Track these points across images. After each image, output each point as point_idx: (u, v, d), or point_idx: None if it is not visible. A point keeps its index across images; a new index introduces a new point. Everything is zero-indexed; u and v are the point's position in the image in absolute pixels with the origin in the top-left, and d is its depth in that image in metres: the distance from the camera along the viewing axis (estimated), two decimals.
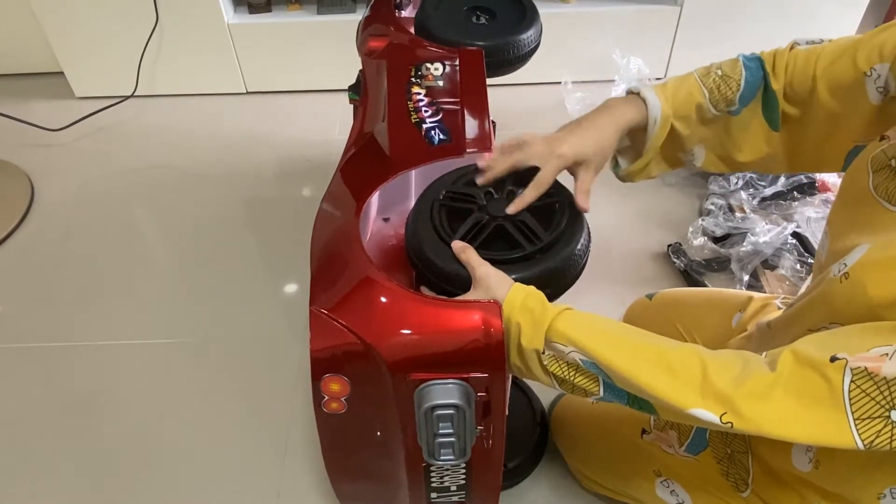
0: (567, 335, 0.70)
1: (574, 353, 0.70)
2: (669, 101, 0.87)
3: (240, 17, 1.96)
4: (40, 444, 1.28)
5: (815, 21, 1.99)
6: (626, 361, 0.67)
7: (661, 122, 0.86)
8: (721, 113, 0.88)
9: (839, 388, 0.58)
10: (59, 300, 1.54)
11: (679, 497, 0.96)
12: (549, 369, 0.72)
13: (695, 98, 0.88)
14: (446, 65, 1.11)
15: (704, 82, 0.88)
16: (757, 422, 0.61)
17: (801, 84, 0.83)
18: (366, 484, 0.98)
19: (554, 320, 0.71)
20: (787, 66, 0.84)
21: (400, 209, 0.97)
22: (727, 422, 0.62)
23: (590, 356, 0.69)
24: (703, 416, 0.63)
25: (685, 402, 0.64)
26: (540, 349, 0.71)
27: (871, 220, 0.68)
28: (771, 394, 0.60)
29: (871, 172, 0.70)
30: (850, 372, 0.58)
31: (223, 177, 1.84)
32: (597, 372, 0.70)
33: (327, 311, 0.75)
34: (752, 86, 0.86)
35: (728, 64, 0.89)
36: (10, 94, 2.10)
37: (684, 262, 1.52)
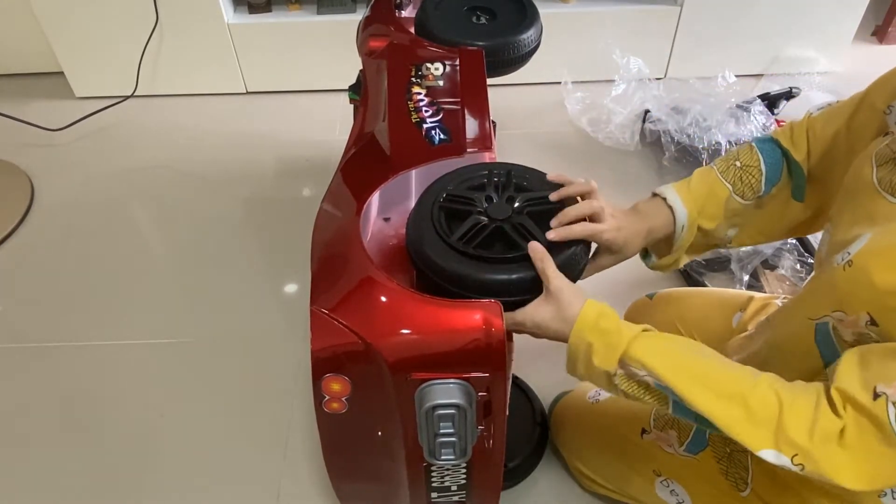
0: (642, 362, 0.71)
1: (648, 377, 0.71)
2: (695, 204, 0.88)
3: (240, 17, 1.96)
4: (40, 443, 1.28)
5: (816, 21, 1.99)
6: (702, 395, 0.68)
7: (687, 228, 0.88)
8: (750, 202, 0.89)
9: (889, 428, 0.60)
10: (59, 300, 1.54)
11: (679, 496, 0.96)
12: (620, 387, 0.73)
13: (720, 195, 0.88)
14: (447, 65, 1.11)
15: (726, 178, 0.89)
16: (833, 471, 0.62)
17: (826, 143, 0.84)
18: (366, 484, 0.98)
19: (630, 345, 0.71)
20: (808, 134, 0.85)
21: (400, 209, 0.97)
22: (798, 464, 0.63)
23: (664, 383, 0.70)
24: (773, 458, 0.64)
25: (758, 444, 0.65)
26: (612, 371, 0.72)
27: (873, 212, 0.69)
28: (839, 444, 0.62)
29: (876, 166, 0.71)
30: (894, 407, 0.60)
31: (223, 177, 1.84)
32: (668, 394, 0.71)
33: (328, 311, 0.74)
34: (774, 168, 0.87)
35: (744, 153, 0.89)
36: (10, 94, 2.10)
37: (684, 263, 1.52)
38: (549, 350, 0.80)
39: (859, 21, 2.01)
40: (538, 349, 0.91)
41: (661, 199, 0.88)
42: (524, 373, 1.29)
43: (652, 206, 0.89)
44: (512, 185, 0.88)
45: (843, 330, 0.69)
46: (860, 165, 0.74)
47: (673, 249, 0.90)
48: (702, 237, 0.91)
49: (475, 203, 0.85)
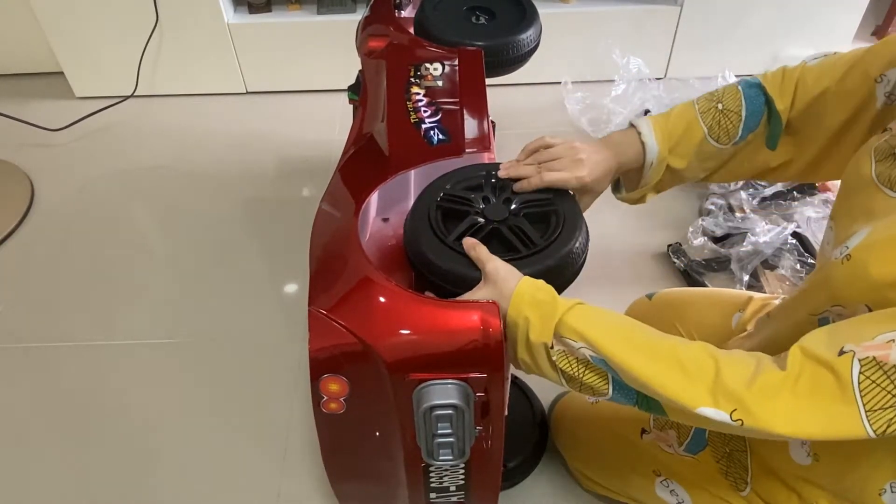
0: (578, 330, 0.70)
1: (584, 348, 0.70)
2: (668, 142, 0.89)
3: (240, 17, 1.96)
4: (40, 443, 1.28)
5: (815, 21, 1.99)
6: (636, 359, 0.67)
7: (656, 164, 0.89)
8: (725, 146, 0.89)
9: (849, 382, 0.58)
10: (59, 300, 1.54)
11: (679, 496, 0.96)
12: (558, 365, 0.72)
13: (695, 136, 0.89)
14: (446, 65, 1.11)
15: (704, 119, 0.89)
16: (767, 419, 0.60)
17: (810, 101, 0.84)
18: (365, 484, 0.98)
19: (565, 314, 0.71)
20: (798, 84, 0.85)
21: (399, 209, 0.97)
22: (737, 419, 0.62)
23: (600, 353, 0.69)
24: (712, 415, 0.63)
25: (695, 401, 0.64)
26: (548, 343, 0.71)
27: (872, 207, 0.69)
28: (781, 392, 0.61)
29: (875, 162, 0.71)
30: (859, 363, 0.58)
31: (223, 177, 1.84)
32: (606, 369, 0.70)
33: (326, 312, 0.74)
34: (754, 116, 0.87)
35: (729, 95, 0.89)
36: (10, 94, 2.10)
37: (684, 262, 1.52)
38: None
39: (859, 21, 2.01)
40: None
41: (636, 131, 0.90)
42: (524, 373, 1.29)
43: (625, 137, 0.90)
44: (509, 187, 0.88)
45: None
46: (858, 161, 0.74)
47: (640, 185, 0.92)
48: (670, 175, 0.92)
49: (473, 204, 0.85)
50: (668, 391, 0.65)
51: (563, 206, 0.84)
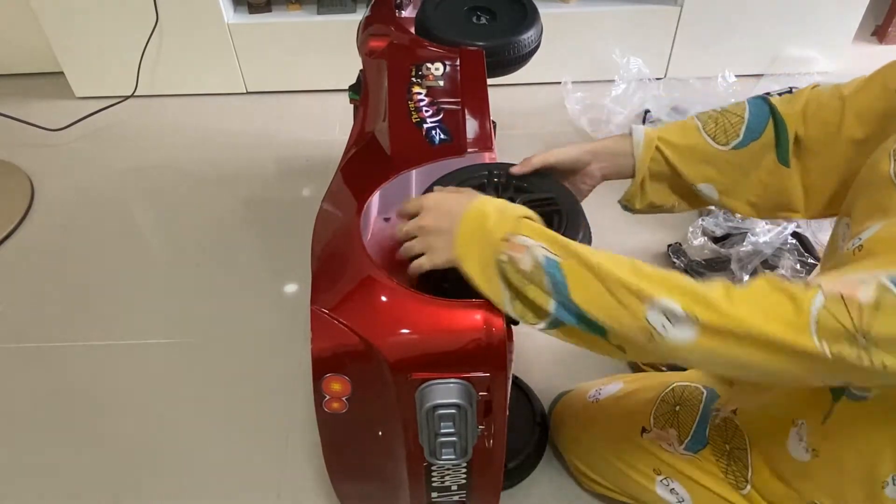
0: (539, 229, 0.71)
1: (540, 248, 0.69)
2: (657, 131, 0.91)
3: (240, 17, 1.96)
4: (40, 443, 1.28)
5: (816, 21, 1.99)
6: (593, 253, 0.68)
7: (644, 142, 0.90)
8: (723, 146, 0.88)
9: (807, 311, 0.58)
10: (59, 300, 1.54)
11: (679, 495, 0.96)
12: (506, 273, 0.70)
13: (687, 129, 0.89)
14: (447, 65, 1.12)
15: (699, 117, 0.90)
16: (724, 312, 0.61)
17: (827, 115, 0.83)
18: (366, 484, 0.98)
19: (525, 219, 0.72)
20: (809, 99, 0.85)
21: None
22: (688, 310, 0.62)
23: (556, 249, 0.69)
24: (665, 305, 0.63)
25: (648, 292, 0.64)
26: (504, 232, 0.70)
27: (887, 205, 0.69)
28: (737, 300, 0.61)
29: (894, 161, 0.71)
30: (823, 296, 0.59)
31: (223, 177, 1.84)
32: (553, 282, 0.68)
33: (328, 311, 0.75)
34: (758, 118, 0.86)
35: (732, 104, 0.90)
36: (10, 94, 2.10)
37: (684, 262, 1.52)
38: (550, 350, 0.81)
39: (859, 21, 2.01)
40: (538, 349, 0.91)
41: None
42: (524, 373, 1.29)
43: (614, 136, 0.95)
44: (512, 186, 0.88)
45: None
46: (877, 159, 0.74)
47: (634, 171, 0.92)
48: (675, 180, 0.92)
49: None
50: (621, 280, 0.66)
51: (565, 205, 0.84)
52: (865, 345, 0.57)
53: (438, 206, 0.76)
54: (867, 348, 0.57)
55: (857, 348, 0.57)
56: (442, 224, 0.75)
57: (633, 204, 0.97)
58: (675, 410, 0.99)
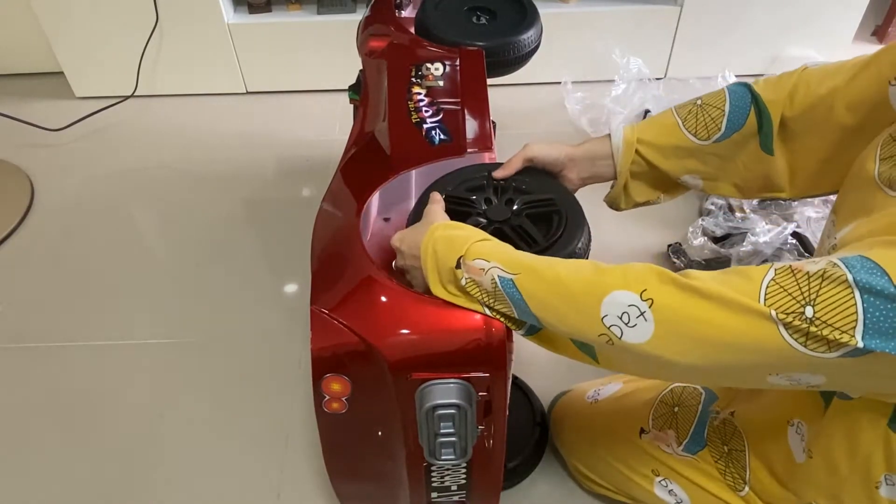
0: (491, 249, 0.71)
1: (495, 268, 0.70)
2: (635, 132, 0.91)
3: (240, 17, 1.96)
4: (40, 443, 1.28)
5: (816, 21, 1.99)
6: (550, 265, 0.68)
7: (623, 147, 0.90)
8: (704, 141, 0.88)
9: (757, 282, 0.59)
10: (59, 300, 1.54)
11: (677, 496, 0.96)
12: (468, 290, 0.72)
13: (667, 128, 0.89)
14: (447, 65, 1.12)
15: (679, 112, 0.90)
16: (679, 283, 0.61)
17: (816, 102, 0.82)
18: (366, 484, 0.98)
19: (478, 241, 0.72)
20: (797, 85, 0.83)
21: (400, 209, 0.97)
22: (648, 298, 0.61)
23: (509, 267, 0.69)
24: (621, 297, 0.63)
25: (603, 288, 0.64)
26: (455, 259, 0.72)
27: (871, 206, 0.69)
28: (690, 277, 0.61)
29: (879, 161, 0.71)
30: (774, 271, 0.59)
31: (223, 177, 1.84)
32: (511, 299, 0.69)
33: (328, 311, 0.75)
34: (739, 110, 0.86)
35: (711, 94, 0.89)
36: (10, 94, 2.10)
37: (684, 262, 1.52)
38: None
39: (859, 21, 2.01)
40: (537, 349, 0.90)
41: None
42: (524, 373, 1.29)
43: (593, 139, 0.95)
44: (511, 187, 0.88)
45: None
46: (864, 159, 0.74)
47: (617, 173, 0.93)
48: (656, 176, 0.93)
49: (474, 205, 0.85)
50: (574, 281, 0.66)
51: (565, 206, 0.84)
52: (812, 317, 0.56)
53: (402, 243, 0.79)
54: (812, 321, 0.56)
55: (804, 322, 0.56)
56: (412, 263, 0.77)
57: (618, 205, 0.99)
58: (673, 412, 0.99)
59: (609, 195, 0.98)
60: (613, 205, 0.99)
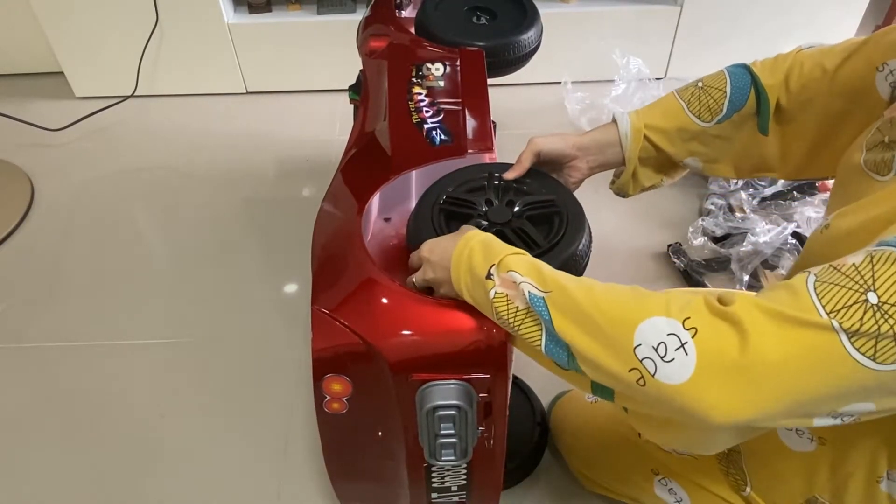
0: (523, 264, 0.68)
1: (526, 283, 0.66)
2: (641, 118, 0.91)
3: (240, 17, 1.96)
4: (40, 443, 1.28)
5: (816, 21, 1.99)
6: (584, 287, 0.63)
7: (631, 134, 0.90)
8: (708, 123, 0.89)
9: (805, 292, 0.53)
10: (59, 300, 1.54)
11: (678, 496, 0.96)
12: (495, 305, 0.69)
13: (672, 112, 0.90)
14: (447, 65, 1.12)
15: (682, 95, 0.90)
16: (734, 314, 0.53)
17: (808, 84, 0.83)
18: (366, 484, 0.98)
19: (515, 253, 0.70)
20: (792, 68, 0.84)
21: (401, 209, 0.97)
22: (691, 327, 0.54)
23: (544, 282, 0.65)
24: (662, 325, 0.55)
25: (640, 313, 0.57)
26: (487, 268, 0.69)
27: (860, 192, 0.69)
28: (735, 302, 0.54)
29: (865, 151, 0.71)
30: (814, 275, 0.54)
31: (223, 177, 1.84)
32: (541, 311, 0.64)
33: (329, 311, 0.75)
34: (739, 90, 0.87)
35: (711, 76, 0.90)
36: (10, 94, 2.10)
37: (684, 262, 1.53)
38: None
39: (859, 21, 2.02)
40: None
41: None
42: (524, 373, 1.29)
43: (600, 127, 0.95)
44: (512, 189, 0.88)
45: None
46: (851, 153, 0.74)
47: (626, 160, 0.92)
48: (661, 160, 0.93)
49: (475, 206, 0.85)
50: (611, 305, 0.59)
51: (566, 207, 0.84)
52: (878, 303, 0.50)
53: (433, 253, 0.77)
54: (880, 308, 0.50)
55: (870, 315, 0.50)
56: (441, 275, 0.75)
57: (627, 191, 0.98)
58: None
59: (617, 183, 0.97)
60: (622, 192, 0.99)
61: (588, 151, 0.93)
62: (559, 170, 0.94)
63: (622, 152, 0.92)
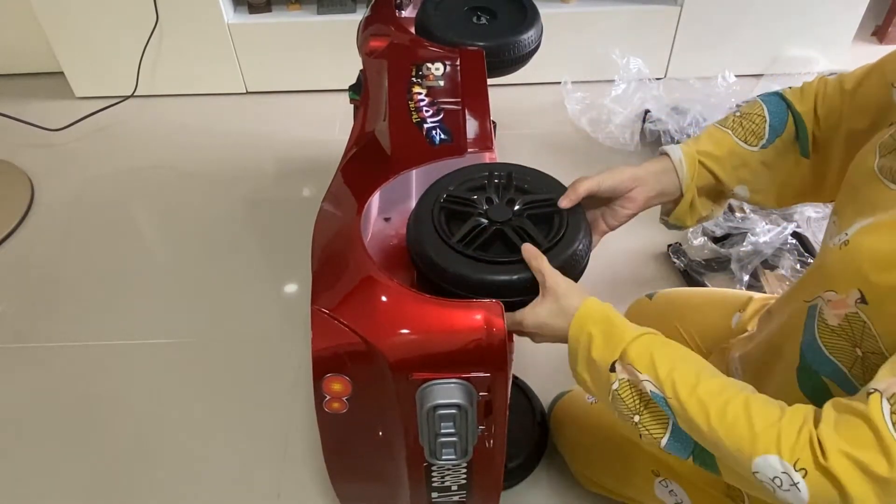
0: (644, 356, 0.69)
1: (647, 381, 0.68)
2: (692, 146, 0.89)
3: (240, 17, 1.96)
4: (40, 443, 1.28)
5: (816, 21, 1.99)
6: (697, 396, 0.65)
7: (686, 160, 0.87)
8: (755, 148, 0.88)
9: (883, 425, 0.56)
10: (59, 300, 1.54)
11: (678, 496, 0.96)
12: (620, 393, 0.70)
13: (721, 139, 0.88)
14: (447, 65, 1.11)
15: (724, 124, 0.89)
16: (833, 471, 0.57)
17: (832, 106, 0.83)
18: (367, 484, 0.98)
19: (633, 340, 0.70)
20: (817, 93, 0.85)
21: (401, 209, 0.97)
22: (801, 469, 0.59)
23: (661, 384, 0.67)
24: (772, 462, 0.60)
25: (755, 448, 0.61)
26: (610, 362, 0.70)
27: (874, 200, 0.68)
28: (835, 470, 0.58)
29: (879, 155, 0.71)
30: (888, 402, 0.56)
31: (223, 177, 1.84)
32: (665, 409, 0.68)
33: (329, 311, 0.75)
34: (778, 116, 0.87)
35: (747, 105, 0.89)
36: (10, 94, 2.10)
37: (684, 262, 1.53)
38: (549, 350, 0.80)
39: (859, 21, 2.01)
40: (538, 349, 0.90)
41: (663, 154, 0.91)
42: (524, 373, 1.29)
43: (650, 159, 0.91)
44: (512, 187, 0.88)
45: (829, 313, 0.68)
46: (863, 156, 0.74)
47: (684, 189, 0.89)
48: (713, 188, 0.91)
49: (476, 205, 0.85)
50: (729, 438, 0.63)
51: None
52: None
53: (542, 330, 0.76)
54: None
55: None
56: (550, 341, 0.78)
57: (685, 222, 0.94)
58: None
59: (674, 214, 0.93)
60: (679, 223, 0.95)
61: (644, 181, 0.89)
62: (612, 200, 0.90)
63: (678, 180, 0.89)
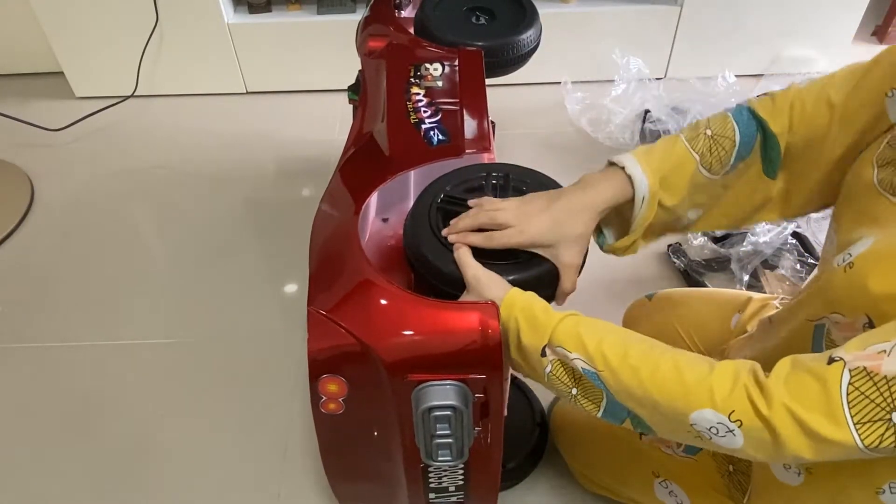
0: (571, 335, 0.70)
1: (578, 360, 0.69)
2: (656, 174, 0.79)
3: (240, 17, 1.96)
4: (40, 443, 1.29)
5: (815, 21, 1.99)
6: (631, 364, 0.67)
7: (648, 200, 0.79)
8: (716, 177, 0.82)
9: (836, 394, 0.57)
10: (59, 300, 1.54)
11: (678, 497, 0.96)
12: (554, 374, 0.72)
13: (686, 167, 0.81)
14: (445, 65, 1.11)
15: (694, 146, 0.81)
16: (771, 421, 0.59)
17: (814, 121, 0.78)
18: (364, 484, 0.98)
19: (559, 323, 0.71)
20: (793, 108, 0.79)
21: (399, 210, 0.97)
22: (736, 420, 0.61)
23: (591, 359, 0.68)
24: (708, 416, 0.62)
25: (690, 405, 0.63)
26: (540, 347, 0.71)
27: (876, 214, 0.68)
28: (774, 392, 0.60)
29: (877, 167, 0.70)
30: (849, 373, 0.57)
31: (223, 177, 1.84)
32: (598, 384, 0.69)
33: (325, 312, 0.74)
34: (747, 140, 0.81)
35: (717, 122, 0.82)
36: (10, 94, 2.10)
37: (684, 262, 1.52)
38: None
39: (859, 21, 2.01)
40: None
41: (618, 168, 0.80)
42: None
43: (603, 176, 0.80)
44: (510, 188, 0.87)
45: (836, 334, 0.68)
46: (861, 167, 0.73)
47: (631, 229, 0.82)
48: (663, 214, 0.82)
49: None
50: (662, 398, 0.65)
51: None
52: None
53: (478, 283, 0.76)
54: None
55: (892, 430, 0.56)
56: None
57: (617, 254, 0.88)
58: None
59: (612, 247, 0.87)
60: (612, 253, 0.89)
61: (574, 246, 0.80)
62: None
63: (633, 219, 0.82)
